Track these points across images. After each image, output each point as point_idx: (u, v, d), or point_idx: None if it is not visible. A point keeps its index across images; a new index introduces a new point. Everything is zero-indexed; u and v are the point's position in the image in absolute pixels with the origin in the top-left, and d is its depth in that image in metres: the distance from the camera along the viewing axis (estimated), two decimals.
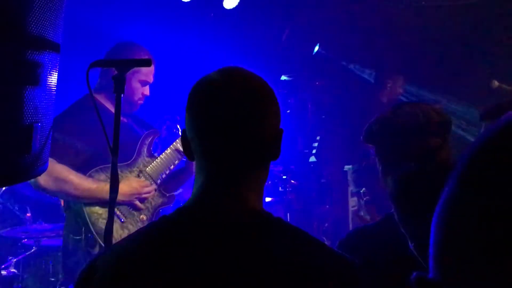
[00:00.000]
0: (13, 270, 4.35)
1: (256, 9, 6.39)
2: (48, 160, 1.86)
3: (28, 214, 4.78)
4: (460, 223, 0.67)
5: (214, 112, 1.32)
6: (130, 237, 1.45)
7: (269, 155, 1.39)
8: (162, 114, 5.00)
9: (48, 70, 1.72)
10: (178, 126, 5.45)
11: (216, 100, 1.32)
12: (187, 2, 6.01)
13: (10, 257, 4.42)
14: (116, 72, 2.23)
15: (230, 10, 6.29)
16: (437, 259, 0.69)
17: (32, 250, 4.44)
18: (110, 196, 2.24)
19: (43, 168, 1.81)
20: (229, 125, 1.31)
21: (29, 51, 1.60)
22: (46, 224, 4.70)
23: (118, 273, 1.29)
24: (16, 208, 4.89)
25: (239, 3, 6.19)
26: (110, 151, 2.20)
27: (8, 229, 4.61)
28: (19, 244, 4.55)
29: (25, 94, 1.60)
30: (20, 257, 4.42)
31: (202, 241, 1.29)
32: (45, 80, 1.72)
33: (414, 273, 0.69)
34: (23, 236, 4.53)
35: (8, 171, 1.60)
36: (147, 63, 2.22)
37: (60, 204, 4.38)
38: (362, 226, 2.30)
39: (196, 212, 1.35)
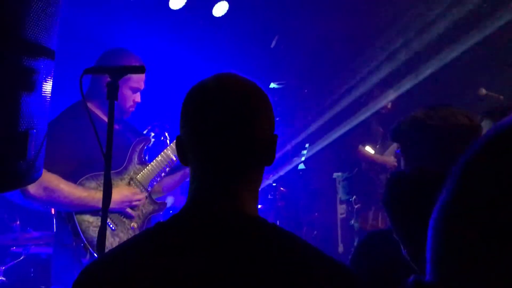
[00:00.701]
0: (1, 278, 4.31)
1: (245, 17, 6.42)
2: (42, 167, 1.86)
3: (17, 222, 4.74)
4: (457, 229, 0.68)
5: (210, 116, 1.32)
6: (127, 243, 1.44)
7: (264, 159, 1.40)
8: (150, 121, 5.00)
9: (43, 77, 1.72)
10: (166, 134, 5.45)
11: (211, 105, 1.33)
12: (177, 10, 6.02)
13: None
14: (109, 79, 2.22)
15: (219, 17, 6.31)
16: (435, 263, 0.70)
17: (21, 258, 4.41)
18: (103, 203, 2.23)
19: (38, 175, 1.80)
20: (225, 128, 1.32)
21: (26, 58, 1.60)
22: (35, 232, 4.65)
23: (116, 279, 1.28)
24: (5, 216, 4.84)
25: (228, 11, 6.22)
26: (104, 158, 2.19)
27: None
28: (8, 252, 4.51)
29: (21, 101, 1.60)
30: (9, 265, 4.39)
31: (200, 246, 1.29)
32: (41, 87, 1.72)
33: (412, 276, 0.70)
34: (12, 244, 4.49)
35: (4, 177, 1.60)
36: (140, 70, 2.22)
37: (50, 212, 4.36)
38: (379, 230, 2.30)
39: (193, 217, 1.35)
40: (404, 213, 1.69)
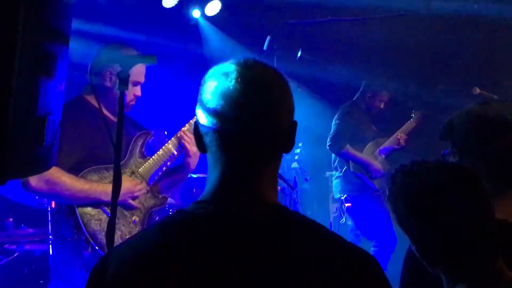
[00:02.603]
0: None
1: (237, 16, 6.41)
2: (56, 154, 1.84)
3: (10, 219, 4.70)
4: None
5: (230, 103, 1.30)
6: (145, 231, 1.44)
7: (283, 147, 1.38)
8: (151, 117, 4.98)
9: (60, 62, 1.71)
10: (165, 132, 5.42)
11: (231, 92, 1.31)
12: (170, 8, 6.00)
13: None
14: (120, 68, 2.20)
15: (211, 16, 6.30)
16: None
17: (15, 255, 4.37)
18: (112, 194, 2.22)
19: (53, 162, 1.79)
20: (245, 116, 1.29)
21: (45, 42, 1.58)
22: (28, 229, 4.63)
23: (133, 267, 1.27)
24: None
25: (220, 10, 6.21)
26: (114, 150, 2.17)
27: None
28: (1, 249, 4.47)
29: (40, 85, 1.58)
30: (2, 262, 4.34)
31: (221, 236, 1.27)
32: (57, 72, 1.70)
33: None
34: (5, 241, 4.45)
35: (23, 163, 1.58)
36: (151, 60, 2.20)
37: (43, 208, 4.33)
38: None
39: (214, 206, 1.33)
40: (408, 209, 1.68)
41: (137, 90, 3.27)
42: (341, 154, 5.66)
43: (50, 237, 3.85)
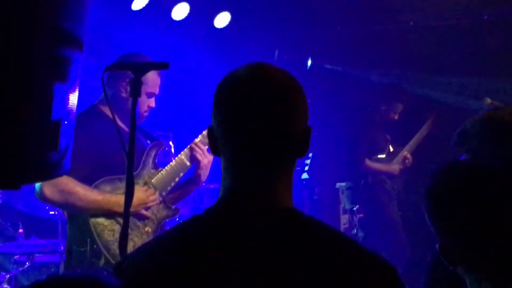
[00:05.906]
0: (6, 286, 4.28)
1: (246, 28, 6.43)
2: (70, 160, 1.83)
3: (21, 230, 4.71)
4: None
5: (244, 109, 1.30)
6: (158, 238, 1.46)
7: (297, 152, 1.37)
8: (154, 129, 4.97)
9: (74, 68, 1.70)
10: (171, 143, 5.40)
11: (246, 97, 1.31)
12: (179, 20, 6.02)
13: (3, 273, 4.35)
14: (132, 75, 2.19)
15: (221, 29, 6.32)
16: None
17: (26, 266, 4.37)
18: (125, 202, 2.20)
19: (67, 168, 1.78)
20: (259, 121, 1.29)
21: (60, 47, 1.58)
22: (39, 240, 4.63)
23: (147, 273, 1.27)
24: (8, 224, 4.82)
25: (230, 22, 6.23)
26: (127, 158, 2.16)
27: (0, 245, 4.54)
28: (12, 260, 4.49)
29: (55, 90, 1.58)
30: (13, 272, 4.35)
31: (235, 240, 1.27)
32: (71, 78, 1.70)
33: None
34: (16, 252, 4.46)
35: (36, 168, 1.57)
36: (164, 66, 2.19)
37: (54, 219, 4.34)
38: None
39: (229, 210, 1.33)
40: (448, 205, 1.65)
41: (152, 102, 3.27)
42: (361, 169, 5.61)
43: (62, 247, 3.85)
